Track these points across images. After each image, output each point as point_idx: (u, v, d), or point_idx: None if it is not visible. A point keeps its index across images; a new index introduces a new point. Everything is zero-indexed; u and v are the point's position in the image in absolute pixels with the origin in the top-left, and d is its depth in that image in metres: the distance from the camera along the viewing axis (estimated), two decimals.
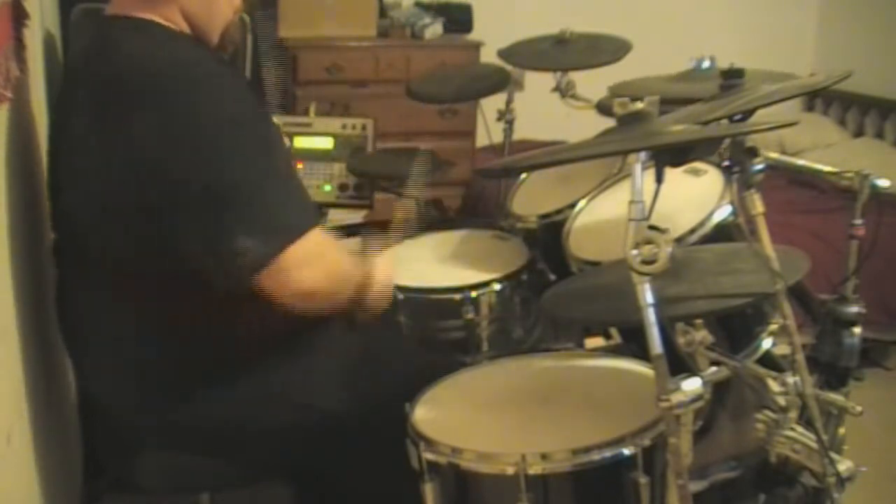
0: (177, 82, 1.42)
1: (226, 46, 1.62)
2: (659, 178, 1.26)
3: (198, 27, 1.55)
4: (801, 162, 1.98)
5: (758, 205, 1.46)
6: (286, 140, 1.71)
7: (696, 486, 1.64)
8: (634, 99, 1.31)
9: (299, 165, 2.93)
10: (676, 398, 1.26)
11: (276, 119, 1.68)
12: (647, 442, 1.37)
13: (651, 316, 1.23)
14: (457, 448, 1.40)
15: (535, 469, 1.35)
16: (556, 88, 2.39)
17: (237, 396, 1.55)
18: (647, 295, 1.23)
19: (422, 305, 1.97)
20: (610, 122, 1.47)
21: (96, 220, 1.48)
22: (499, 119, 2.53)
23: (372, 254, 1.66)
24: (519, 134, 2.59)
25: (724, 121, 1.43)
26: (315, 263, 1.45)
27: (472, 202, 3.76)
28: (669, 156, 1.28)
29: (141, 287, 1.49)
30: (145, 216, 1.43)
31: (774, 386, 1.45)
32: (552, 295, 1.57)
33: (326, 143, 3.04)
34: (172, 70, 1.43)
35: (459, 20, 4.02)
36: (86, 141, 1.45)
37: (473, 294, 1.93)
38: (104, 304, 1.53)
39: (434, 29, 3.92)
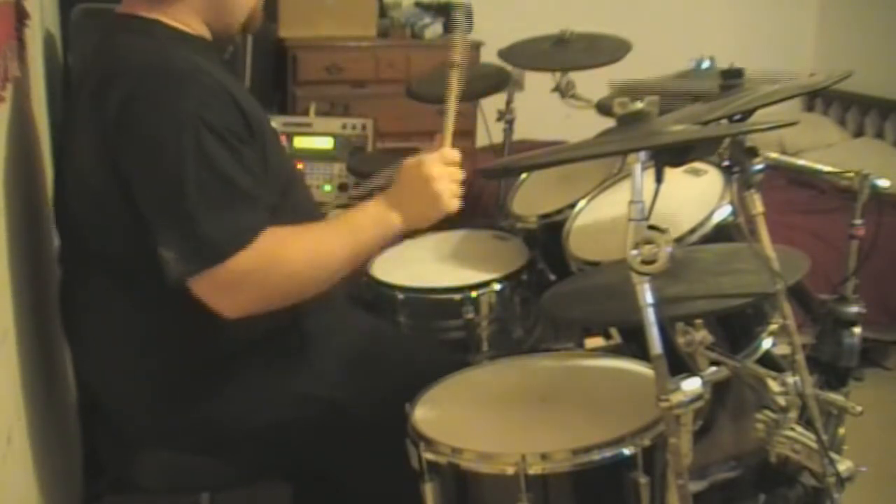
0: (147, 75, 1.42)
1: (248, 31, 1.62)
2: (659, 178, 1.27)
3: (213, 24, 1.55)
4: (801, 162, 1.98)
5: (758, 205, 1.46)
6: (283, 145, 1.67)
7: (696, 486, 1.64)
8: (634, 99, 1.32)
9: (299, 165, 2.93)
10: (676, 398, 1.26)
11: (273, 125, 1.65)
12: (647, 442, 1.37)
13: (651, 316, 1.23)
14: (457, 448, 1.40)
15: (535, 469, 1.35)
16: (556, 88, 2.39)
17: (237, 396, 1.55)
18: (647, 295, 1.23)
19: (422, 305, 1.97)
20: (610, 122, 1.47)
21: (91, 215, 1.48)
22: (499, 119, 2.53)
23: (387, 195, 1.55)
24: (519, 134, 2.59)
25: (724, 121, 1.43)
26: (241, 288, 1.40)
27: (472, 202, 3.75)
28: (669, 156, 1.28)
29: (137, 285, 1.50)
30: (123, 207, 1.43)
31: (774, 386, 1.45)
32: (552, 295, 1.57)
33: (326, 143, 3.05)
34: (150, 64, 1.43)
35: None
36: (83, 137, 1.46)
37: (473, 294, 1.93)
38: (103, 303, 1.54)
39: (434, 29, 3.92)
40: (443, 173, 1.55)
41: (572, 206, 1.99)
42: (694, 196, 1.75)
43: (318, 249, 1.48)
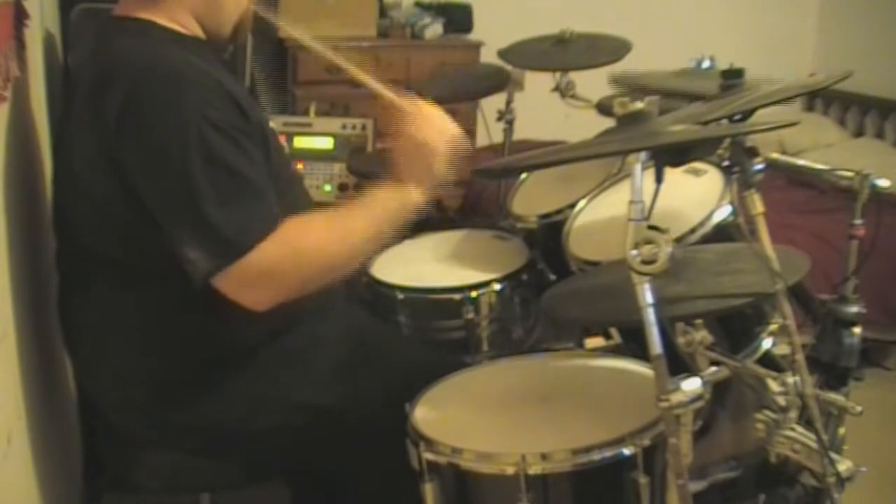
0: (146, 76, 1.41)
1: (239, 37, 1.62)
2: (659, 178, 1.26)
3: (206, 22, 1.55)
4: (801, 162, 1.98)
5: (758, 205, 1.46)
6: (282, 144, 1.66)
7: (696, 486, 1.64)
8: (634, 99, 1.31)
9: (299, 165, 2.93)
10: (676, 398, 1.26)
11: (272, 123, 1.65)
12: (647, 442, 1.37)
13: (651, 316, 1.23)
14: (457, 448, 1.40)
15: (535, 469, 1.36)
16: (556, 88, 2.39)
17: (237, 397, 1.55)
18: (647, 295, 1.23)
19: (422, 305, 1.97)
20: (610, 122, 1.47)
21: (89, 217, 1.48)
22: (499, 119, 2.53)
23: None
24: (519, 134, 2.59)
25: (724, 121, 1.43)
26: (267, 280, 1.39)
27: (472, 202, 3.76)
28: (669, 156, 1.28)
29: (136, 286, 1.50)
30: (123, 208, 1.43)
31: (774, 386, 1.45)
32: (552, 295, 1.57)
33: (326, 143, 3.05)
34: (148, 65, 1.43)
35: (459, 20, 4.03)
36: (80, 140, 1.46)
37: (473, 294, 1.93)
38: (101, 304, 1.53)
39: (434, 29, 3.92)
40: (428, 128, 1.57)
41: (572, 206, 1.99)
42: (694, 196, 1.75)
43: (341, 233, 1.48)
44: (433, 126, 1.57)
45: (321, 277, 1.47)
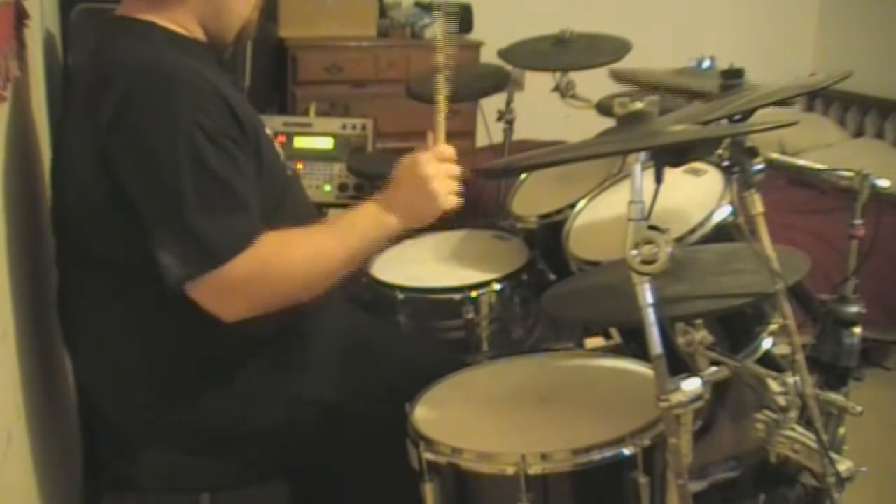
0: (142, 78, 1.41)
1: (241, 41, 1.62)
2: (659, 178, 1.26)
3: (210, 27, 1.55)
4: (801, 162, 1.98)
5: (758, 205, 1.46)
6: (279, 148, 1.65)
7: (696, 486, 1.64)
8: (634, 99, 1.31)
9: (299, 165, 2.93)
10: (676, 398, 1.26)
11: (272, 124, 1.65)
12: (647, 442, 1.37)
13: (651, 316, 1.23)
14: (457, 448, 1.40)
15: (535, 469, 1.36)
16: (556, 88, 2.39)
17: (236, 397, 1.55)
18: (647, 295, 1.23)
19: (422, 305, 1.97)
20: (610, 122, 1.47)
21: (86, 217, 1.48)
22: (499, 119, 2.53)
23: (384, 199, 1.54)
24: (519, 134, 2.59)
25: (724, 121, 1.43)
26: (239, 293, 1.40)
27: (472, 202, 3.76)
28: (669, 156, 1.28)
29: (135, 286, 1.50)
30: (119, 208, 1.43)
31: (774, 386, 1.45)
32: (552, 295, 1.57)
33: (326, 143, 3.04)
34: (145, 67, 1.42)
35: (459, 20, 4.02)
36: (77, 139, 1.46)
37: (473, 294, 1.93)
38: (100, 305, 1.54)
39: (434, 29, 3.92)
40: (438, 171, 1.55)
41: (572, 206, 1.99)
42: (694, 196, 1.75)
43: (316, 252, 1.48)
44: (445, 174, 1.56)
45: (293, 296, 1.48)
